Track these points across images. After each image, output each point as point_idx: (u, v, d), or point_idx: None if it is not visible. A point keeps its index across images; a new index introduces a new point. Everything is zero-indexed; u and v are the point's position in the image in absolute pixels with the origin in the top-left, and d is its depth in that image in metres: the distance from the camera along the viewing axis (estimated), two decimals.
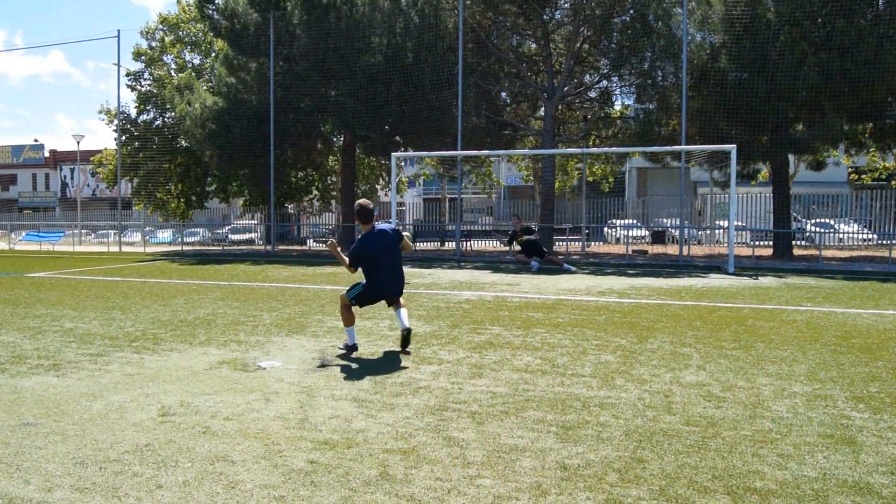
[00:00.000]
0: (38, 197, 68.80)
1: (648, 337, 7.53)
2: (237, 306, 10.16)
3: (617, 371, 5.88)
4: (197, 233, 36.98)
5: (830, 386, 5.38)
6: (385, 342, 7.26)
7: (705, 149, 19.35)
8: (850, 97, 18.84)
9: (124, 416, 4.59)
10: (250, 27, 25.44)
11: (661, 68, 22.00)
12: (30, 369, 5.99)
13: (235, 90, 26.83)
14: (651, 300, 10.92)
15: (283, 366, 6.07)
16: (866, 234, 25.16)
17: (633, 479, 3.51)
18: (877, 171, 35.58)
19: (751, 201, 26.86)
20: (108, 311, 9.69)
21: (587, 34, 23.33)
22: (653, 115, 22.18)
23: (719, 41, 20.52)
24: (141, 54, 36.89)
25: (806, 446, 3.99)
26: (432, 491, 3.36)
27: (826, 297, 11.38)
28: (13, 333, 7.82)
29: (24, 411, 4.72)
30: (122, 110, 35.33)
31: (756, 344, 7.11)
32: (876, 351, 6.75)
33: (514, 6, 23.03)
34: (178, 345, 7.11)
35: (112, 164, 38.57)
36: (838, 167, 31.96)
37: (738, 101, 19.64)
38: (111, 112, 38.13)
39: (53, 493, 3.35)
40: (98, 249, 30.58)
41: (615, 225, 29.82)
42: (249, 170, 28.71)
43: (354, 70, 23.74)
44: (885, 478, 3.52)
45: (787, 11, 19.04)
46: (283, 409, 4.78)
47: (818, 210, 27.35)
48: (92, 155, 45.95)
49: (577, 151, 25.05)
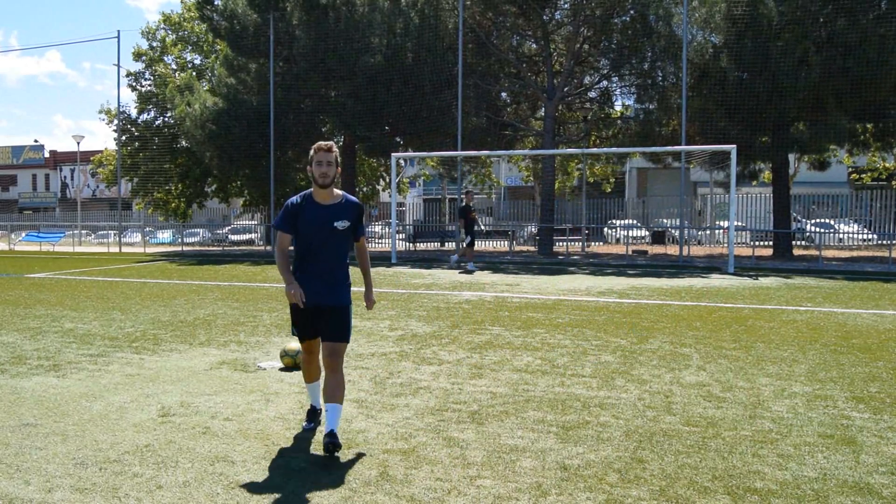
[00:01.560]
0: (38, 197, 68.79)
1: (648, 337, 7.53)
2: (237, 307, 10.16)
3: (617, 371, 5.88)
4: (197, 233, 36.97)
5: (830, 386, 5.38)
6: (385, 342, 7.26)
7: (705, 149, 19.35)
8: (852, 97, 18.85)
9: (124, 417, 4.59)
10: (250, 28, 25.45)
11: (662, 68, 22.01)
12: (30, 370, 5.99)
13: (235, 91, 26.84)
14: (651, 300, 10.92)
15: (283, 366, 6.07)
16: (866, 234, 25.15)
17: (633, 479, 3.51)
18: (877, 170, 35.57)
19: (751, 201, 26.86)
20: (108, 311, 9.69)
21: (587, 34, 23.33)
22: (653, 116, 22.17)
23: (720, 41, 20.52)
24: (141, 55, 36.91)
25: (806, 446, 3.99)
26: (432, 491, 3.36)
27: (826, 297, 11.38)
28: (13, 334, 7.82)
29: (25, 412, 4.72)
30: (122, 110, 35.34)
31: (756, 344, 7.11)
32: (876, 351, 6.75)
33: (514, 6, 23.03)
34: (178, 345, 7.11)
35: (112, 165, 38.58)
36: (840, 165, 31.94)
37: (739, 100, 19.64)
38: (111, 112, 38.15)
39: (53, 494, 3.35)
40: (98, 250, 30.58)
41: (615, 225, 29.82)
42: (249, 170, 28.71)
43: (354, 70, 23.74)
44: (885, 478, 3.52)
45: (789, 11, 19.05)
46: (283, 409, 4.78)
47: (818, 210, 27.34)
48: (92, 155, 45.98)
49: (577, 151, 25.04)
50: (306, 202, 4.07)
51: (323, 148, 4.03)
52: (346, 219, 4.05)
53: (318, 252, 4.06)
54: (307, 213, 4.04)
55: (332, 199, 4.08)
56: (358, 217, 4.13)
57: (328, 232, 4.03)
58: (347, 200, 4.14)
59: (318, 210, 4.05)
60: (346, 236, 4.09)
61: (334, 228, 4.02)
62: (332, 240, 4.05)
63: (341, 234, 4.05)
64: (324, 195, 4.06)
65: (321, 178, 4.00)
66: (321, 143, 4.07)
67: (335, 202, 4.08)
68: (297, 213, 4.04)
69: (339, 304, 4.07)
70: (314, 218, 4.03)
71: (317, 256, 4.07)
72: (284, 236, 4.11)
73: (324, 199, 4.07)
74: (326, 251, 4.06)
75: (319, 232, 4.03)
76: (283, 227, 4.07)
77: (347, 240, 4.14)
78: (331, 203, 4.07)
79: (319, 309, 4.05)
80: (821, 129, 19.55)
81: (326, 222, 4.02)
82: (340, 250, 4.12)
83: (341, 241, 4.09)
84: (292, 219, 4.04)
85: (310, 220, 4.03)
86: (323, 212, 4.04)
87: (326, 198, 4.07)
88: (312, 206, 4.05)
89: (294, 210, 4.05)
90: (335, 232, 4.03)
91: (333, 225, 4.02)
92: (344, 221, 4.03)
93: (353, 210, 4.12)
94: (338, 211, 4.06)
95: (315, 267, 4.07)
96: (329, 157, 4.01)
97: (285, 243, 4.13)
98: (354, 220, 4.10)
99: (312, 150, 4.07)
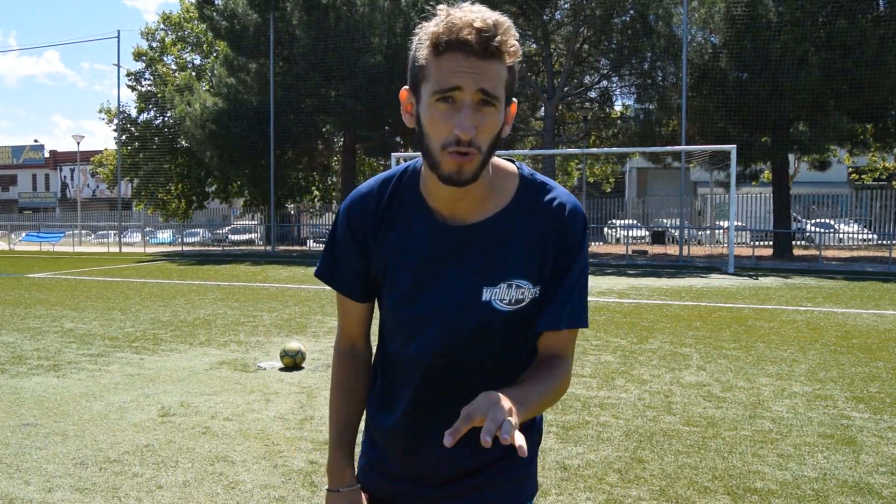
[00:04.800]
0: (38, 197, 68.77)
1: (648, 337, 7.52)
2: (237, 307, 10.16)
3: (617, 371, 5.88)
4: (197, 233, 36.96)
5: (830, 386, 5.38)
6: None
7: (705, 149, 19.35)
8: (852, 97, 18.85)
9: (124, 417, 4.58)
10: (250, 28, 25.46)
11: (662, 68, 22.02)
12: (30, 370, 5.98)
13: (235, 91, 26.86)
14: (651, 300, 10.91)
15: (283, 366, 6.06)
16: (866, 234, 25.14)
17: (633, 479, 3.51)
18: (877, 171, 35.57)
19: (751, 201, 26.85)
20: (108, 311, 9.69)
21: (587, 34, 23.34)
22: (653, 115, 22.19)
23: (720, 41, 20.53)
24: (141, 55, 36.92)
25: (806, 446, 3.99)
26: None
27: (826, 297, 11.38)
28: (13, 334, 7.82)
29: (25, 412, 4.72)
30: (122, 110, 35.35)
31: (756, 344, 7.11)
32: (876, 351, 6.75)
33: (514, 6, 23.02)
34: (178, 345, 7.11)
35: (112, 165, 38.58)
36: (840, 165, 31.95)
37: (739, 100, 19.65)
38: (111, 112, 38.15)
39: (54, 494, 3.35)
40: (98, 250, 30.58)
41: (615, 225, 29.82)
42: (250, 170, 28.73)
43: (354, 70, 23.75)
44: (885, 478, 3.52)
45: (788, 11, 19.05)
46: (283, 409, 4.78)
47: (818, 210, 27.34)
48: (92, 155, 45.98)
49: (577, 151, 25.05)
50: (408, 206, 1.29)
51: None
52: (517, 273, 1.25)
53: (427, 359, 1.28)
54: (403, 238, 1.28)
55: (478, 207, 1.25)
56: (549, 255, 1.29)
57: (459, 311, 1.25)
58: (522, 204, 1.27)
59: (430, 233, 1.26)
60: (518, 324, 1.28)
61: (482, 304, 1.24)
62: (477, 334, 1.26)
63: (508, 316, 1.25)
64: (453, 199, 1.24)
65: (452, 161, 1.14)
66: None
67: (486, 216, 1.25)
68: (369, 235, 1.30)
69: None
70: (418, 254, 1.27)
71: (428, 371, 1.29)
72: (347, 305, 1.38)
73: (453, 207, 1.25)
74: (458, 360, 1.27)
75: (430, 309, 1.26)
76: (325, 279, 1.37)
77: (517, 334, 1.29)
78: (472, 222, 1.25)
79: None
80: (821, 129, 19.56)
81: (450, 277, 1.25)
82: (499, 354, 1.29)
83: (501, 331, 1.27)
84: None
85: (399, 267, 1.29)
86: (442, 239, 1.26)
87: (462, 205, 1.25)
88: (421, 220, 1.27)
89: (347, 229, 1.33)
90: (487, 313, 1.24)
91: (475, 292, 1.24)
92: (517, 285, 1.25)
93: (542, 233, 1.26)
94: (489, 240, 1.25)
95: (419, 407, 1.31)
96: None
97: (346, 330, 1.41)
98: (549, 268, 1.29)
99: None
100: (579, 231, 1.28)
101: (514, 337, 1.28)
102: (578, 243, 1.28)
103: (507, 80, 1.13)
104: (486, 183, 1.23)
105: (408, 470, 1.33)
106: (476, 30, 1.08)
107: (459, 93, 1.10)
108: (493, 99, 1.11)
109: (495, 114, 1.13)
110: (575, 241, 1.27)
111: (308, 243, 32.04)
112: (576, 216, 1.26)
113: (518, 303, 1.25)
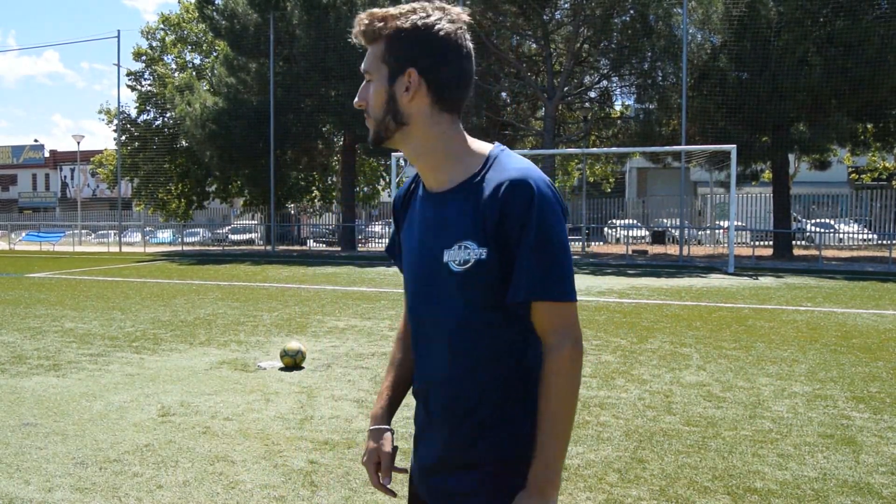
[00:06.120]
0: (38, 197, 68.77)
1: (648, 337, 7.52)
2: (237, 306, 10.16)
3: (617, 371, 5.88)
4: (197, 233, 36.95)
5: (830, 386, 5.38)
6: (385, 342, 7.26)
7: (705, 149, 19.35)
8: (852, 97, 18.85)
9: (124, 417, 4.58)
10: (250, 27, 25.46)
11: (662, 68, 22.02)
12: (30, 369, 5.98)
13: (235, 90, 26.86)
14: (651, 300, 10.91)
15: (283, 366, 6.06)
16: (866, 234, 25.15)
17: (633, 479, 3.51)
18: (877, 170, 35.57)
19: (751, 201, 26.85)
20: (108, 311, 9.69)
21: (587, 34, 23.34)
22: (653, 115, 22.19)
23: (720, 41, 20.53)
24: (141, 54, 36.91)
25: (806, 446, 3.99)
26: None
27: (826, 297, 11.38)
28: (13, 333, 7.82)
29: (25, 411, 4.72)
30: (121, 110, 35.34)
31: (756, 344, 7.11)
32: (876, 351, 6.75)
33: (514, 6, 23.04)
34: (178, 345, 7.11)
35: (112, 165, 38.58)
36: (840, 165, 31.95)
37: (739, 100, 19.65)
38: (111, 112, 38.15)
39: (54, 494, 3.35)
40: (98, 250, 30.57)
41: (615, 225, 29.82)
42: (250, 170, 28.72)
43: (354, 70, 23.73)
44: (885, 478, 3.52)
45: (788, 11, 19.05)
46: (283, 409, 4.78)
47: (818, 210, 27.34)
48: (92, 155, 45.98)
49: (577, 151, 25.06)
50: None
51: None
52: (467, 236, 1.36)
53: (418, 320, 1.50)
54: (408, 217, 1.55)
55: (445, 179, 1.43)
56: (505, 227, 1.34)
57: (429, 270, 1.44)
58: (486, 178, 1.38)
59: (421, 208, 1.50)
60: (472, 285, 1.37)
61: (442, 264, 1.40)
62: (442, 291, 1.42)
63: (460, 276, 1.37)
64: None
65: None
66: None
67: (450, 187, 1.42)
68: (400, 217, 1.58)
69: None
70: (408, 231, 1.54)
71: (420, 335, 1.50)
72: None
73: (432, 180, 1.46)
74: (430, 318, 1.46)
75: (416, 268, 1.49)
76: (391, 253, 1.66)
77: (476, 296, 1.38)
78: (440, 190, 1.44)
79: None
80: (821, 129, 19.56)
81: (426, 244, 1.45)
82: (467, 325, 1.40)
83: (461, 300, 1.40)
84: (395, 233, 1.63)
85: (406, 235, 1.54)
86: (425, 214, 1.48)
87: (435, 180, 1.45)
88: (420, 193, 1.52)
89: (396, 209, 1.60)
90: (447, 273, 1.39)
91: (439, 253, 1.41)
92: (465, 246, 1.36)
93: (492, 206, 1.34)
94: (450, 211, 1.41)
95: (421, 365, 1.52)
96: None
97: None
98: (493, 235, 1.34)
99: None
100: (521, 203, 1.31)
101: (475, 303, 1.37)
102: (521, 214, 1.31)
103: (384, 53, 1.38)
104: (439, 155, 1.41)
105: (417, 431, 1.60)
106: (358, 25, 1.40)
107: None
108: (369, 74, 1.41)
109: (374, 85, 1.40)
110: (515, 212, 1.31)
111: (308, 243, 32.04)
112: (517, 188, 1.32)
113: (465, 263, 1.36)
